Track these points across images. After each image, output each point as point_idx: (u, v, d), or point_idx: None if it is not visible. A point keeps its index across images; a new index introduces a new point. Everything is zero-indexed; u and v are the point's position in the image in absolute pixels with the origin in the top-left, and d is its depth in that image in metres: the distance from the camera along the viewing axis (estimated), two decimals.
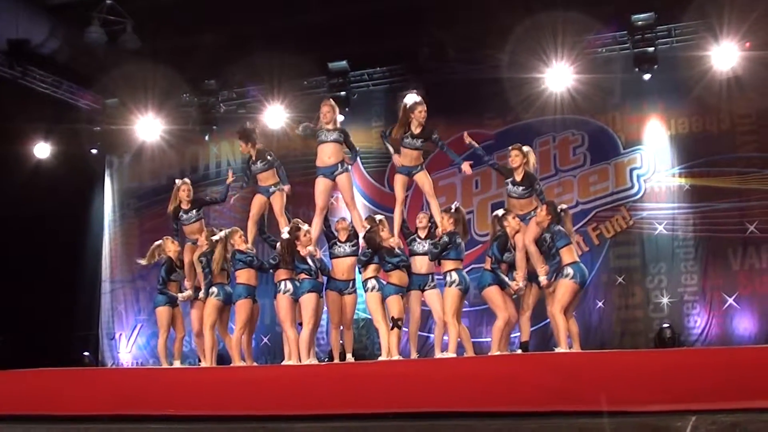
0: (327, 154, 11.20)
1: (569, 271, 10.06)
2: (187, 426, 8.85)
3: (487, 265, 10.52)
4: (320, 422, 8.29)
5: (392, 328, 10.57)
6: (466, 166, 11.22)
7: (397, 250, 10.70)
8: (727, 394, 7.34)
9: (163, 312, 12.18)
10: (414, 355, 11.10)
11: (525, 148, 10.90)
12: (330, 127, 11.21)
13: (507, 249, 10.49)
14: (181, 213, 12.25)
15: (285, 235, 10.96)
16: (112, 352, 18.74)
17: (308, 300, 10.84)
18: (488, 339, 14.20)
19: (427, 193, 11.16)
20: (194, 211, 12.30)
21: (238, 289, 11.37)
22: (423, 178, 11.09)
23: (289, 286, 10.94)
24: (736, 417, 6.73)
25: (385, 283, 10.77)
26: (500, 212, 10.66)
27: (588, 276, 10.49)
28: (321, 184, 11.32)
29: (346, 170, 11.36)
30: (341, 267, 11.18)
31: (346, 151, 11.52)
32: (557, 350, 10.18)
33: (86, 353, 18.23)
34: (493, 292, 10.39)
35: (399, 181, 11.13)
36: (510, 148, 10.97)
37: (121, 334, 18.77)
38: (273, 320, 15.67)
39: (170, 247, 12.34)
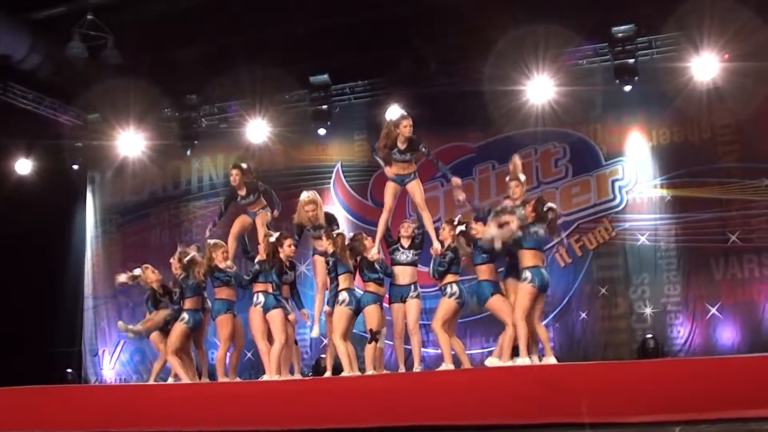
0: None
1: (527, 275, 10.05)
2: None
3: (483, 275, 10.41)
4: None
5: (369, 342, 10.52)
6: (456, 180, 11.13)
7: (376, 266, 10.69)
8: (710, 404, 7.36)
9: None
10: (401, 369, 11.07)
11: (522, 177, 10.87)
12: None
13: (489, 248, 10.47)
14: None
15: (272, 239, 10.95)
16: (95, 369, 18.63)
17: (274, 316, 10.81)
18: (475, 351, 14.32)
19: (418, 204, 11.08)
20: None
21: (217, 305, 11.38)
22: (415, 188, 11.03)
23: (261, 298, 10.93)
24: (719, 427, 6.75)
25: (362, 292, 10.73)
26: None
27: (548, 282, 10.39)
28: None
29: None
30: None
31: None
32: (518, 360, 10.10)
33: (69, 370, 18.13)
34: (498, 301, 10.33)
35: (390, 188, 11.05)
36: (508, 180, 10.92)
37: (104, 351, 18.67)
38: None
39: (151, 277, 12.28)
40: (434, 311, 10.67)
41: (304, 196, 11.25)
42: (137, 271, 12.42)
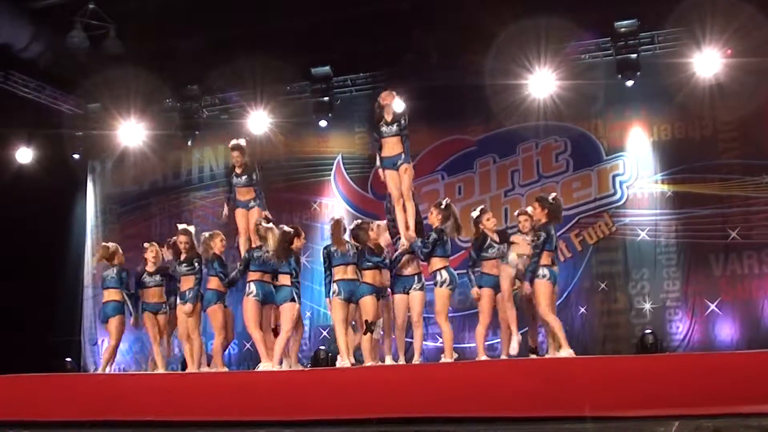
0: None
1: (545, 272, 10.18)
2: (171, 431, 8.84)
3: (483, 268, 10.64)
4: (306, 428, 8.29)
5: (365, 333, 10.54)
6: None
7: (384, 251, 10.76)
8: (709, 399, 7.38)
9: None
10: (402, 361, 11.06)
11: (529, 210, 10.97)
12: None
13: (485, 248, 10.61)
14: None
15: (287, 228, 11.03)
16: (94, 358, 18.62)
17: (288, 308, 10.85)
18: (471, 344, 14.30)
19: (403, 191, 10.93)
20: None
21: (209, 295, 11.39)
22: (404, 173, 10.93)
23: (253, 288, 10.91)
24: (718, 422, 6.76)
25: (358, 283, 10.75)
26: (474, 214, 10.70)
27: (557, 277, 10.54)
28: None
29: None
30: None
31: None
32: (563, 352, 10.12)
33: (68, 359, 18.13)
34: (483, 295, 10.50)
35: (389, 177, 10.98)
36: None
37: (103, 340, 18.59)
38: None
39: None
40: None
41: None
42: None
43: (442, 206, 10.63)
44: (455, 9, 15.05)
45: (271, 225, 11.12)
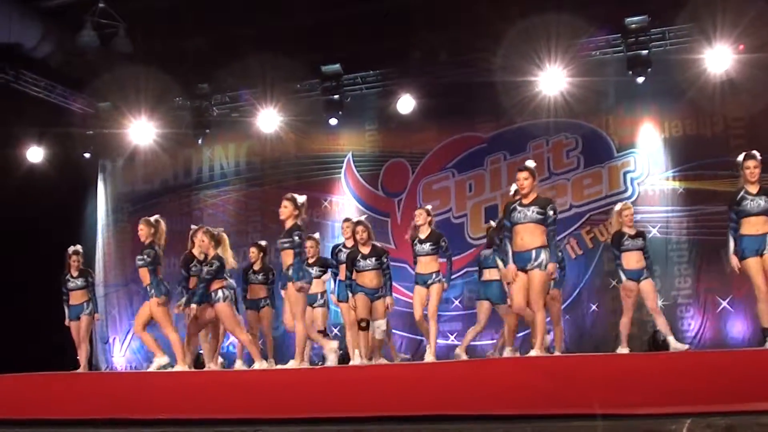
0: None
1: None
2: (181, 430, 8.83)
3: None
4: (314, 425, 8.29)
5: (359, 330, 10.87)
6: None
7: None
8: (721, 396, 7.34)
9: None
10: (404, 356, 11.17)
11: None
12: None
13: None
14: None
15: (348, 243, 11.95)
16: (105, 356, 18.68)
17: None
18: (485, 342, 14.35)
19: (430, 308, 11.17)
20: None
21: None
22: (434, 292, 11.09)
23: (227, 293, 11.01)
24: (730, 420, 6.72)
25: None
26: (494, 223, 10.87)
27: None
28: None
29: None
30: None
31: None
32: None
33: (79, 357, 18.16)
34: None
35: (416, 293, 11.20)
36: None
37: (114, 338, 18.72)
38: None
39: None
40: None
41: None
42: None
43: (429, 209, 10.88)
44: (464, 6, 15.04)
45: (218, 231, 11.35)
